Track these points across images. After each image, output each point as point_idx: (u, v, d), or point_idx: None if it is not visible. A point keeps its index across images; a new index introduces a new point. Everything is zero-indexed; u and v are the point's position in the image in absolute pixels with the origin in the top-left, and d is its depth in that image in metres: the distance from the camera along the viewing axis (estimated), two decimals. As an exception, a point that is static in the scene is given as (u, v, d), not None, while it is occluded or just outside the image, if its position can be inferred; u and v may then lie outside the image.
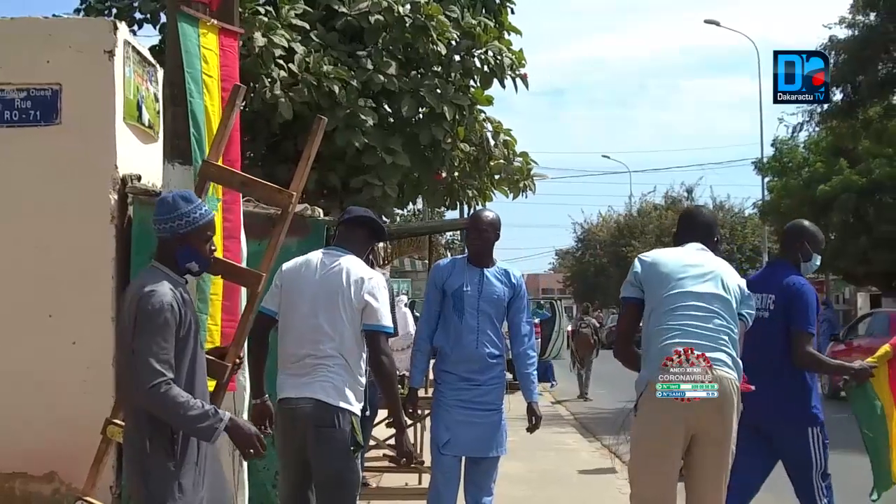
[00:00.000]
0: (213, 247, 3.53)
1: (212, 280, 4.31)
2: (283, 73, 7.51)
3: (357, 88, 7.77)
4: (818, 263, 5.06)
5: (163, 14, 7.63)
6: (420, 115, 8.40)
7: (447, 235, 25.82)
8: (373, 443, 7.21)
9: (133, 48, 6.13)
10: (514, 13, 9.38)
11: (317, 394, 4.12)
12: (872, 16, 16.93)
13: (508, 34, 9.20)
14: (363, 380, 4.32)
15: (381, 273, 5.16)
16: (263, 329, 4.28)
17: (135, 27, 8.38)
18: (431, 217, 22.87)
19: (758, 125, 42.25)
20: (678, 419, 4.06)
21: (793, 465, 4.83)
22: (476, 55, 8.72)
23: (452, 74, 8.57)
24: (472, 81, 8.79)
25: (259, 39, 7.32)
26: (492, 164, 9.34)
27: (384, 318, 4.27)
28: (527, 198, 9.75)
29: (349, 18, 8.19)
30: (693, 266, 4.24)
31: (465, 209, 10.21)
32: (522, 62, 8.91)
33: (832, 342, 16.36)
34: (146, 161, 5.98)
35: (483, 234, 5.10)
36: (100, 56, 5.81)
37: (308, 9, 8.06)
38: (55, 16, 6.47)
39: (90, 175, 5.77)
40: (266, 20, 7.57)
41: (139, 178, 5.89)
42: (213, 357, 3.80)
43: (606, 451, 10.72)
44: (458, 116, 8.40)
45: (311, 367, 4.16)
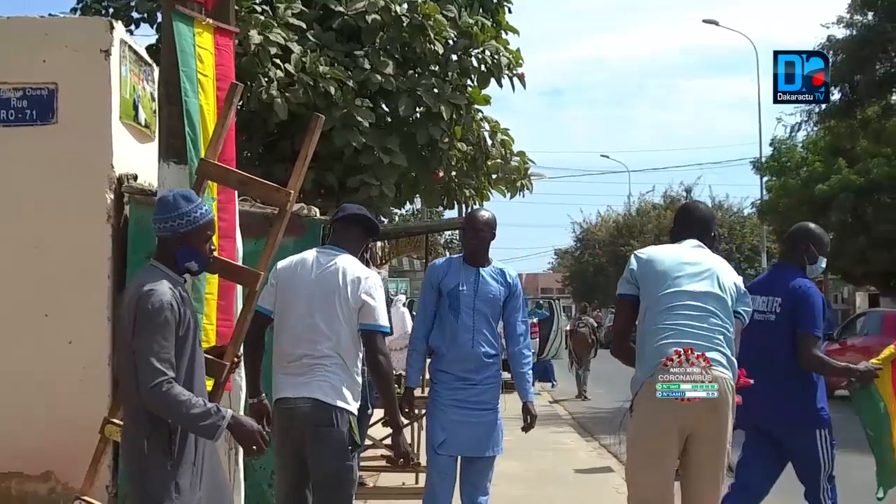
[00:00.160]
0: (213, 246, 3.52)
1: (207, 279, 4.31)
2: (280, 73, 7.50)
3: (353, 89, 7.76)
4: (823, 266, 5.05)
5: (160, 13, 7.61)
6: (417, 115, 8.38)
7: (446, 235, 25.79)
8: (369, 442, 7.20)
9: (129, 47, 6.13)
10: (512, 12, 9.38)
11: (315, 393, 4.13)
12: (870, 15, 16.93)
13: (506, 34, 9.19)
14: (360, 379, 4.33)
15: (377, 272, 5.15)
16: (259, 328, 4.27)
17: (132, 27, 8.38)
18: (430, 217, 22.86)
19: (757, 125, 42.30)
20: (674, 418, 4.06)
21: (801, 467, 4.83)
22: (473, 55, 8.71)
23: (449, 74, 8.56)
24: (470, 81, 8.78)
25: (255, 37, 7.30)
26: (489, 164, 9.33)
27: (381, 318, 4.28)
28: (524, 197, 9.76)
29: (346, 18, 8.18)
30: (689, 264, 4.23)
31: (463, 209, 10.19)
32: (520, 61, 8.90)
33: (826, 341, 16.39)
34: (143, 160, 5.97)
35: (479, 234, 5.09)
36: (96, 55, 5.80)
37: (305, 9, 8.05)
38: (51, 15, 6.46)
39: (86, 174, 5.76)
40: (262, 18, 7.56)
41: (135, 178, 5.89)
42: (212, 356, 3.79)
43: (604, 451, 10.73)
44: (456, 116, 8.39)
45: (309, 367, 4.17)
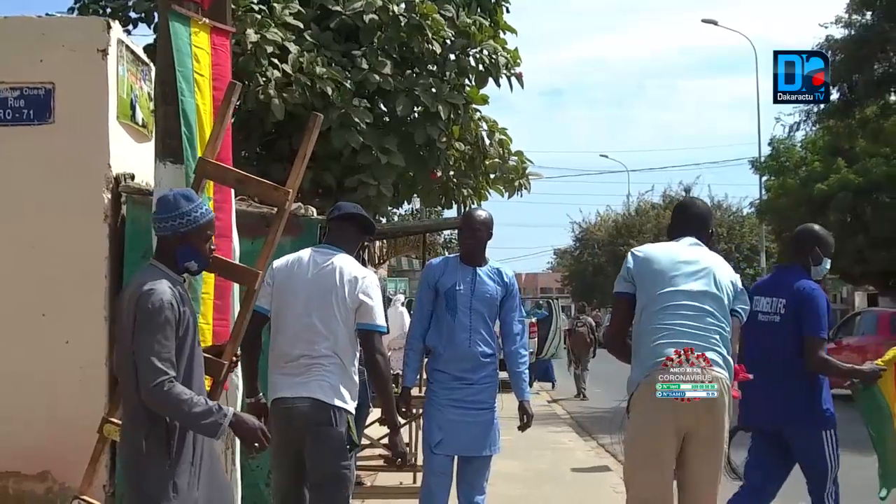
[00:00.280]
0: (213, 246, 3.52)
1: (203, 279, 4.30)
2: (277, 73, 7.49)
3: (350, 90, 7.75)
4: (828, 267, 5.05)
5: (157, 13, 7.61)
6: (415, 115, 8.37)
7: (445, 234, 25.77)
8: (367, 442, 7.20)
9: (126, 47, 6.13)
10: (510, 12, 9.37)
11: (314, 393, 4.13)
12: (869, 15, 16.94)
13: (503, 33, 9.17)
14: (357, 378, 4.33)
15: (374, 272, 5.15)
16: (256, 327, 4.27)
17: (129, 26, 8.37)
18: (429, 216, 22.85)
19: (756, 125, 42.26)
20: (671, 418, 4.05)
21: (809, 469, 4.84)
22: (471, 54, 8.69)
23: (447, 73, 8.54)
24: (468, 80, 8.77)
25: (251, 35, 7.29)
26: (487, 164, 9.31)
27: (378, 318, 4.29)
28: (522, 197, 9.75)
29: (344, 17, 8.17)
30: (686, 263, 4.22)
31: (461, 208, 10.18)
32: (517, 61, 8.89)
33: None
34: (140, 160, 5.97)
35: (476, 234, 5.09)
36: (93, 55, 5.80)
37: (302, 9, 8.04)
38: (49, 15, 6.44)
39: (84, 174, 5.77)
40: (259, 17, 7.55)
41: (133, 177, 5.89)
42: (210, 355, 3.78)
43: (602, 450, 10.74)
44: (454, 115, 8.37)
45: (307, 367, 4.17)
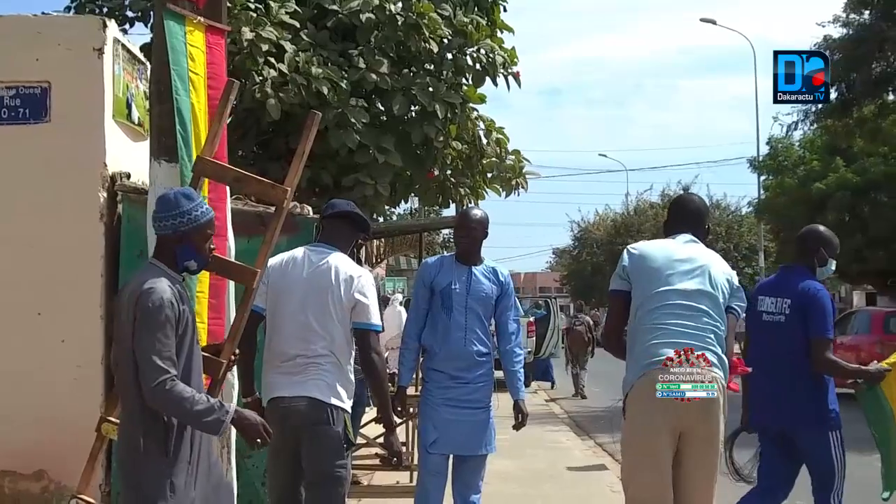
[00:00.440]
0: (213, 245, 3.53)
1: (198, 278, 4.30)
2: (273, 73, 7.48)
3: (346, 90, 7.74)
4: (833, 268, 5.05)
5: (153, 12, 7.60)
6: (412, 114, 8.36)
7: (444, 234, 25.75)
8: (363, 441, 7.21)
9: (123, 46, 6.12)
10: (507, 11, 9.34)
11: (311, 392, 4.14)
12: (867, 14, 16.93)
13: (501, 32, 9.15)
14: (353, 377, 4.33)
15: (370, 270, 5.15)
16: (252, 326, 4.27)
17: (126, 25, 8.35)
18: (428, 215, 22.84)
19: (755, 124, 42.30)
20: (667, 418, 4.05)
21: (815, 469, 4.84)
22: (468, 53, 8.67)
23: (444, 72, 8.53)
24: (465, 79, 8.75)
25: (247, 33, 7.28)
26: (484, 163, 9.31)
27: (374, 317, 4.30)
28: (519, 196, 9.75)
29: (340, 16, 8.15)
30: (681, 261, 4.22)
31: (459, 208, 10.17)
32: (515, 60, 8.88)
33: None
34: (135, 159, 5.96)
35: (471, 233, 5.09)
36: (89, 54, 5.80)
37: (298, 8, 8.03)
38: (45, 13, 6.44)
39: (79, 173, 5.76)
40: (255, 16, 7.53)
41: (128, 176, 5.89)
42: (209, 354, 3.78)
43: (599, 449, 10.74)
44: (450, 115, 8.35)
45: (303, 367, 4.18)
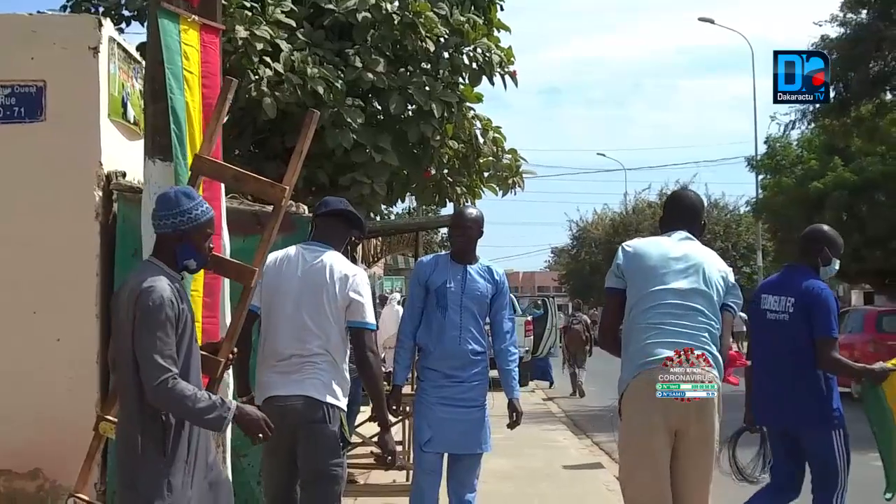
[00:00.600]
0: (212, 244, 3.54)
1: (193, 277, 4.30)
2: (269, 72, 7.47)
3: (342, 90, 7.73)
4: (836, 268, 5.06)
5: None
6: (409, 113, 8.36)
7: (442, 233, 25.75)
8: (359, 440, 7.21)
9: (118, 45, 6.12)
10: (503, 10, 9.34)
11: (307, 391, 4.14)
12: (864, 13, 16.94)
13: (497, 31, 9.14)
14: (348, 376, 4.34)
15: (364, 269, 5.15)
16: (247, 325, 4.25)
17: (122, 25, 8.35)
18: (427, 215, 22.79)
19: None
20: (662, 417, 4.06)
21: (818, 467, 4.84)
22: (465, 52, 8.67)
23: (441, 71, 8.52)
24: (461, 79, 8.75)
25: (241, 32, 7.27)
26: (481, 162, 9.31)
27: (369, 315, 4.30)
28: (515, 195, 9.75)
29: (337, 15, 8.15)
30: (675, 260, 4.22)
31: (456, 207, 10.17)
32: (511, 59, 8.87)
33: None
34: (131, 158, 5.95)
35: (466, 231, 5.10)
36: (84, 53, 5.78)
37: (294, 7, 8.02)
38: (40, 12, 6.43)
39: (75, 172, 5.74)
40: (250, 15, 7.52)
41: (124, 175, 5.88)
42: (207, 353, 3.78)
43: (596, 448, 10.75)
44: (447, 114, 8.34)
45: (299, 366, 4.18)
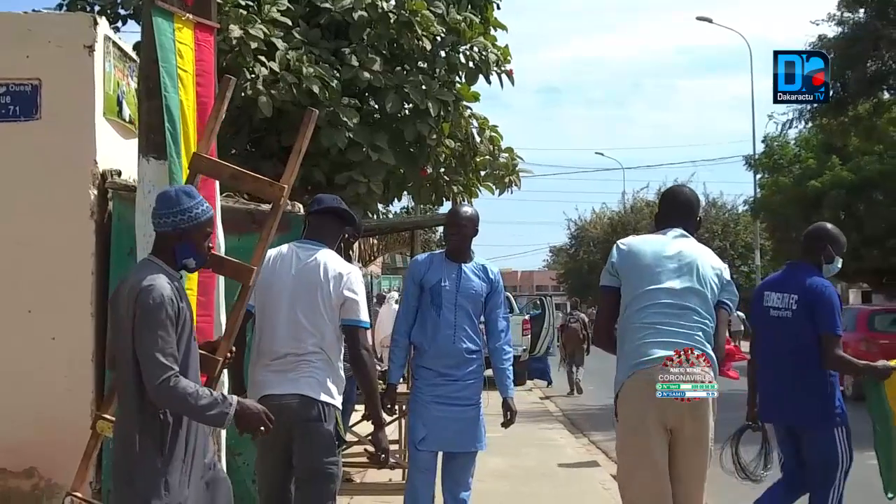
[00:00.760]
0: (211, 244, 3.54)
1: (187, 276, 4.29)
2: (265, 71, 7.46)
3: (338, 90, 7.72)
4: (839, 266, 5.06)
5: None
6: (405, 112, 8.35)
7: (440, 232, 25.70)
8: (354, 439, 7.21)
9: (113, 43, 6.11)
10: (500, 8, 9.33)
11: (302, 389, 4.14)
12: (861, 12, 16.96)
13: (494, 30, 9.14)
14: (343, 374, 4.34)
15: (359, 267, 5.16)
16: (241, 324, 4.26)
17: (118, 23, 8.34)
18: (425, 214, 22.74)
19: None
20: (656, 416, 4.05)
21: (819, 464, 4.82)
22: (461, 51, 8.66)
23: (437, 70, 8.51)
24: (458, 77, 8.75)
25: (235, 31, 7.27)
26: (477, 160, 9.30)
27: (363, 313, 4.30)
28: (512, 193, 9.75)
29: (333, 14, 8.14)
30: (669, 258, 4.21)
31: (453, 206, 10.16)
32: (508, 58, 8.86)
33: None
34: (126, 156, 5.93)
35: (461, 230, 5.10)
36: (79, 51, 5.78)
37: (290, 6, 8.01)
38: (35, 11, 6.43)
39: (70, 170, 5.75)
40: (245, 14, 7.52)
41: (119, 174, 5.88)
42: (204, 351, 3.78)
43: (593, 447, 10.75)
44: (443, 112, 8.34)
45: (294, 364, 4.18)
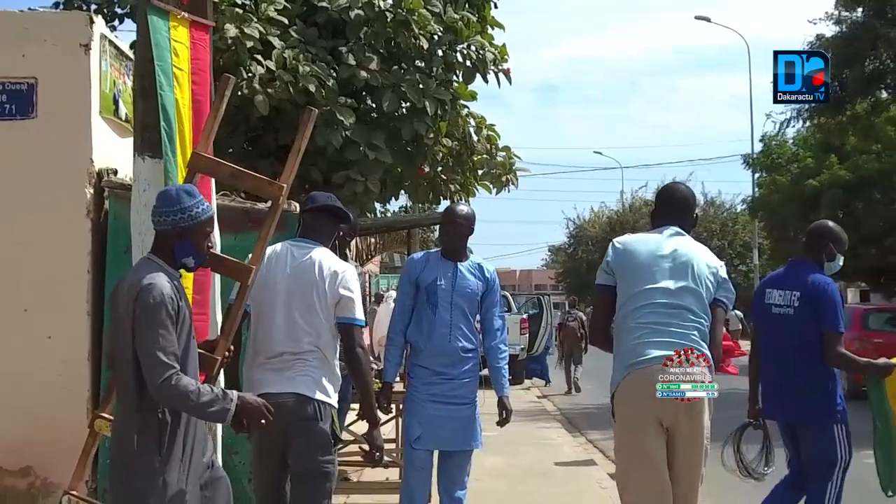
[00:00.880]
0: (211, 243, 3.55)
1: (182, 274, 4.29)
2: (261, 70, 7.46)
3: (334, 89, 7.72)
4: (840, 264, 5.06)
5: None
6: (402, 111, 8.34)
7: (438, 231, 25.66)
8: (350, 437, 7.21)
9: (110, 42, 6.11)
10: (497, 7, 9.33)
11: (298, 388, 4.15)
12: (859, 12, 16.96)
13: (491, 29, 9.13)
14: (339, 372, 4.34)
15: (355, 266, 5.15)
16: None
17: (115, 22, 8.35)
18: (424, 213, 22.74)
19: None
20: (653, 415, 4.06)
21: (818, 460, 4.82)
22: (458, 50, 8.65)
23: (434, 69, 8.50)
24: (455, 76, 8.74)
25: (231, 30, 7.26)
26: (475, 159, 9.30)
27: (358, 311, 4.31)
28: (509, 192, 9.75)
29: (330, 13, 8.13)
30: (664, 257, 4.21)
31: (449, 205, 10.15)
32: (505, 57, 8.86)
33: None
34: (123, 155, 5.92)
35: (457, 228, 5.11)
36: (76, 50, 5.77)
37: (287, 5, 8.00)
38: (31, 9, 6.43)
39: (66, 169, 5.73)
40: (241, 13, 7.51)
41: (115, 172, 5.87)
42: (203, 350, 3.79)
43: (590, 446, 10.75)
44: (441, 111, 8.33)
45: (290, 363, 4.18)
